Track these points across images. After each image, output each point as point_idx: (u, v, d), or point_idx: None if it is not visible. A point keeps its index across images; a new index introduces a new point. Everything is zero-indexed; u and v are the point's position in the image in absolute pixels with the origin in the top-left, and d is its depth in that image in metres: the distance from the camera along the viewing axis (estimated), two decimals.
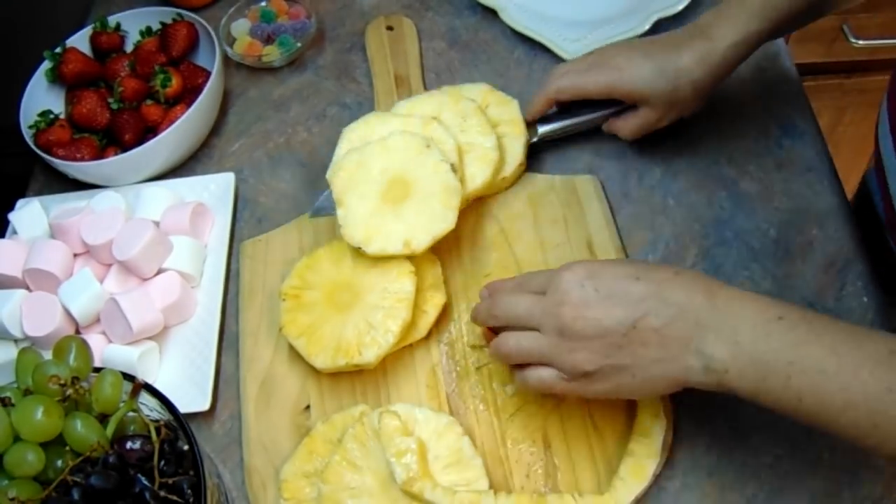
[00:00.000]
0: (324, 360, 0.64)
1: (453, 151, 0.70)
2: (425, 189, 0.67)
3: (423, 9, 0.92)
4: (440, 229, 0.66)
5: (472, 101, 0.74)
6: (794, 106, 0.78)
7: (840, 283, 0.67)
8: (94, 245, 0.71)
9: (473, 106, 0.74)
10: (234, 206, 0.79)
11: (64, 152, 0.79)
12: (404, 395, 0.65)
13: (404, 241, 0.65)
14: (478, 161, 0.71)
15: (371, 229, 0.66)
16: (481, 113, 0.74)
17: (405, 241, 0.65)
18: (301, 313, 0.66)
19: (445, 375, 0.65)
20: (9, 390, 0.51)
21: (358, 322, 0.65)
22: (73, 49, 0.85)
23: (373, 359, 0.63)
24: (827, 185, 0.73)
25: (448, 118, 0.73)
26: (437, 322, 0.67)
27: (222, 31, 0.89)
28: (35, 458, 0.48)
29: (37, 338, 0.68)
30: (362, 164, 0.69)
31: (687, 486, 0.59)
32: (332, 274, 0.68)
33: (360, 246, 0.66)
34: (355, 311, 0.65)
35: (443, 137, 0.71)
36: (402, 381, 0.65)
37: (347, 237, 0.66)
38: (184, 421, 0.52)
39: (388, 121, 0.73)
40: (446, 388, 0.65)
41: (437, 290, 0.67)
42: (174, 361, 0.70)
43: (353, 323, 0.65)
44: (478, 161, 0.71)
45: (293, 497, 0.60)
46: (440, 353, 0.67)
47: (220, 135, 0.86)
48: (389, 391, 0.65)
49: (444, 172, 0.67)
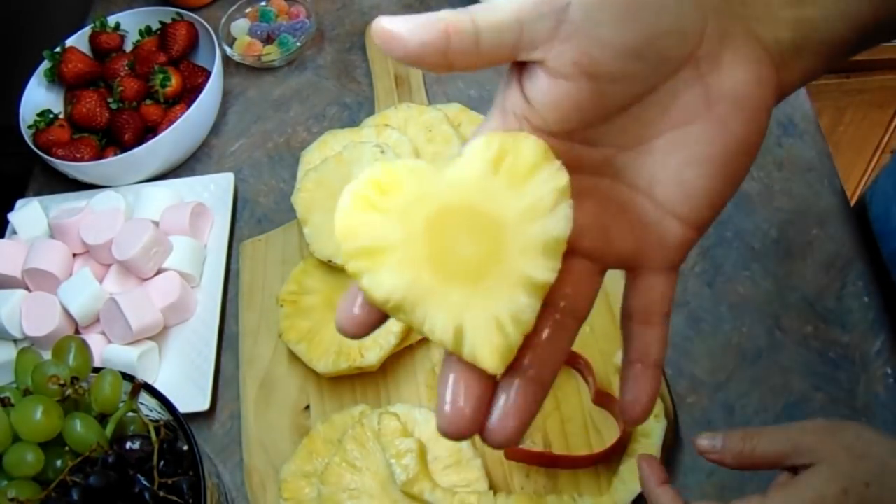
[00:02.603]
0: (325, 364, 0.64)
1: (410, 155, 0.71)
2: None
3: (423, 9, 0.92)
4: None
5: (438, 111, 0.75)
6: (794, 106, 0.78)
7: (840, 283, 0.67)
8: (93, 245, 0.71)
9: (439, 115, 0.74)
10: (234, 206, 0.79)
11: (63, 152, 0.79)
12: (404, 395, 0.65)
13: None
14: None
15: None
16: (447, 122, 0.74)
17: None
18: (300, 318, 0.66)
19: None
20: (8, 390, 0.50)
21: None
22: (72, 49, 0.85)
23: (375, 361, 0.63)
24: (827, 185, 0.73)
25: (413, 131, 0.74)
26: None
27: (222, 31, 0.89)
28: (34, 459, 0.48)
29: (36, 338, 0.68)
30: (321, 182, 0.70)
31: (687, 486, 0.59)
32: (330, 278, 0.68)
33: (330, 259, 0.67)
34: None
35: (398, 141, 0.72)
36: (402, 382, 0.65)
37: (318, 253, 0.68)
38: (183, 421, 0.52)
39: (341, 137, 0.75)
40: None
41: None
42: (174, 361, 0.70)
43: None
44: None
45: (293, 497, 0.60)
46: (440, 353, 0.67)
47: (219, 135, 0.86)
48: (389, 392, 0.65)
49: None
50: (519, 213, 0.30)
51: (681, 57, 0.32)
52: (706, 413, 0.62)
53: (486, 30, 0.31)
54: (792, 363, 0.64)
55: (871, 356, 0.64)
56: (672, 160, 0.33)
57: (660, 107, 0.33)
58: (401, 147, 0.71)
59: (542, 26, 0.31)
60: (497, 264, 0.30)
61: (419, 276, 0.30)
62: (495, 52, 0.31)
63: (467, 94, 0.84)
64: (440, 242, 0.30)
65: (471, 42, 0.31)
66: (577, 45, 0.30)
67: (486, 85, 0.85)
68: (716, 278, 0.69)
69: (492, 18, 0.31)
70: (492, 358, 0.29)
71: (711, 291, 0.68)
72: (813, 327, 0.65)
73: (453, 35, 0.31)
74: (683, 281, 0.69)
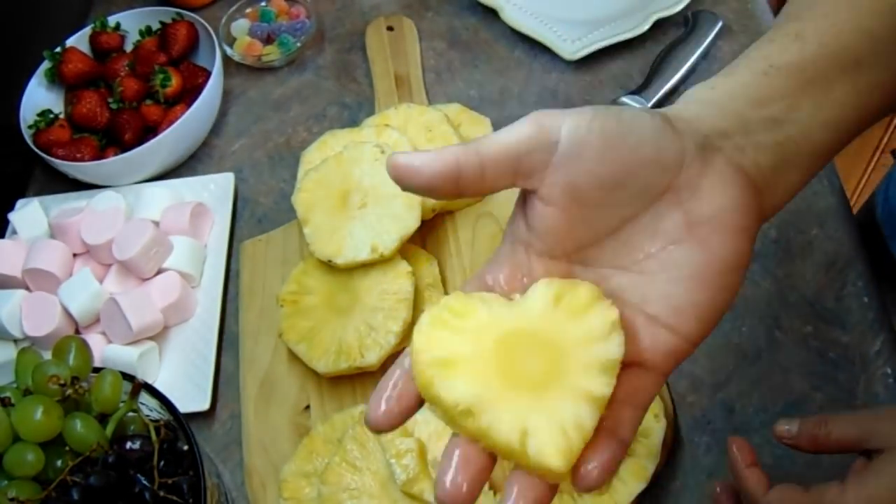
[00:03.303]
0: (325, 363, 0.64)
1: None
2: (385, 193, 0.68)
3: (423, 9, 0.92)
4: (406, 229, 0.66)
5: (438, 111, 0.75)
6: None
7: (840, 283, 0.67)
8: (93, 245, 0.71)
9: (439, 115, 0.74)
10: (234, 206, 0.79)
11: (64, 152, 0.79)
12: None
13: (371, 247, 0.66)
14: None
15: (338, 241, 0.67)
16: (447, 122, 0.74)
17: (372, 245, 0.66)
18: (300, 319, 0.66)
19: None
20: (8, 390, 0.50)
21: (358, 325, 0.65)
22: (72, 49, 0.85)
23: (375, 361, 0.63)
24: (827, 185, 0.73)
25: (413, 131, 0.74)
26: None
27: (222, 31, 0.89)
28: (34, 458, 0.48)
29: (36, 338, 0.68)
30: (321, 182, 0.70)
31: (687, 486, 0.59)
32: (330, 278, 0.68)
33: (330, 259, 0.67)
34: (355, 313, 0.65)
35: (398, 142, 0.72)
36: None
37: (318, 253, 0.67)
38: (183, 421, 0.52)
39: (342, 137, 0.75)
40: None
41: (436, 290, 0.67)
42: (174, 361, 0.70)
43: (354, 326, 0.65)
44: None
45: (293, 497, 0.60)
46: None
47: (220, 135, 0.86)
48: None
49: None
50: (578, 339, 0.35)
51: (661, 185, 0.35)
52: (706, 413, 0.62)
53: (490, 161, 0.35)
54: (792, 363, 0.64)
55: (871, 356, 0.64)
56: (659, 279, 0.36)
57: (646, 230, 0.36)
58: (400, 147, 0.71)
59: (536, 158, 0.35)
60: (559, 380, 0.34)
61: (488, 384, 0.34)
62: (498, 180, 0.36)
63: (467, 94, 0.84)
64: (508, 359, 0.35)
65: (477, 172, 0.35)
66: (566, 175, 0.35)
67: (486, 85, 0.85)
68: None
69: (493, 151, 0.35)
70: (557, 458, 0.32)
71: None
72: (813, 327, 0.65)
73: (463, 166, 0.35)
74: None
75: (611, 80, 0.83)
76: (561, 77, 0.84)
